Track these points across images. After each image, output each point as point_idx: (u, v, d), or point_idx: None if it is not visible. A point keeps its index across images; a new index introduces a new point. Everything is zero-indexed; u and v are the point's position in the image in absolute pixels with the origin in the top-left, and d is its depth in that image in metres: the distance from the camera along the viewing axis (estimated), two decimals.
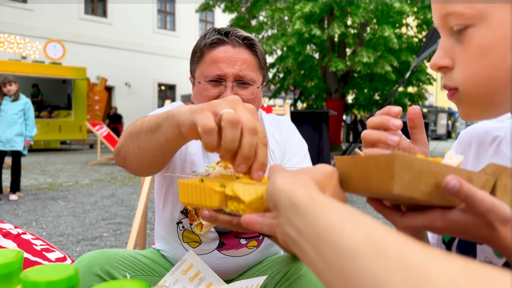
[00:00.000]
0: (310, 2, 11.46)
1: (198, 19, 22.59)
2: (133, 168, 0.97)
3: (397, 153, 0.48)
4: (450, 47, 0.61)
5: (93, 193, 6.25)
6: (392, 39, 10.94)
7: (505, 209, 0.50)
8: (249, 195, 0.56)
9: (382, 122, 0.64)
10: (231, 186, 0.59)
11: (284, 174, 0.49)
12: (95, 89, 16.49)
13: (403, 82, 7.59)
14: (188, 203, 0.63)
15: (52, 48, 15.12)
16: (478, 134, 0.75)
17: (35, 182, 7.18)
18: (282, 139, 1.33)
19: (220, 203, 0.59)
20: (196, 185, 0.61)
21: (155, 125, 0.83)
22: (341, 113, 14.54)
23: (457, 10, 0.58)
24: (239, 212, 0.56)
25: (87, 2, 18.92)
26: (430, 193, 0.50)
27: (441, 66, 0.62)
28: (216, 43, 1.17)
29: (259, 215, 0.54)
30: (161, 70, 21.10)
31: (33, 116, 5.78)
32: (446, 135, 31.80)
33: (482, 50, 0.56)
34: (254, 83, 1.20)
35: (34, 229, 4.17)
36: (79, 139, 15.10)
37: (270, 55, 14.37)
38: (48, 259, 1.52)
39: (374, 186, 0.51)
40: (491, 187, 0.55)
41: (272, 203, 0.48)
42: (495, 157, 0.69)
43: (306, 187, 0.46)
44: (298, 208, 0.42)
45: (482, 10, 0.56)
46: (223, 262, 1.25)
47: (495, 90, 0.57)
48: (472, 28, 0.57)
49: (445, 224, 0.53)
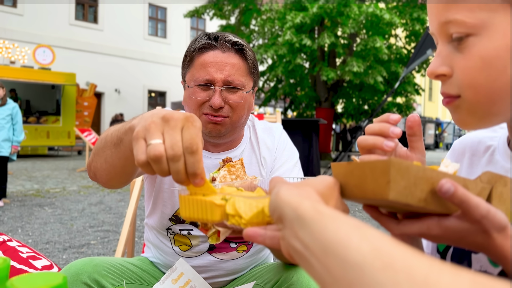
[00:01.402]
0: (301, 12, 11.56)
1: (189, 27, 22.63)
2: (104, 182, 0.99)
3: (393, 159, 0.48)
4: (448, 55, 0.60)
5: (81, 200, 6.17)
6: (382, 50, 11.07)
7: (501, 217, 0.50)
8: (249, 211, 0.56)
9: (382, 129, 0.63)
10: (232, 201, 0.58)
11: (287, 187, 0.49)
12: (85, 95, 16.37)
13: (392, 92, 7.66)
14: (189, 217, 0.62)
15: (42, 53, 15.01)
16: (472, 143, 0.76)
17: (22, 189, 7.07)
18: (273, 146, 1.34)
19: (222, 217, 0.59)
20: (197, 199, 0.61)
21: (117, 139, 0.85)
22: (330, 122, 14.62)
23: (459, 18, 0.57)
24: (241, 226, 0.56)
25: (78, 8, 18.85)
26: (426, 200, 0.50)
27: (439, 74, 0.61)
28: (205, 47, 1.18)
29: (261, 228, 0.53)
30: (152, 77, 21.05)
31: (21, 121, 5.72)
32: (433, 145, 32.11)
33: (484, 60, 0.56)
34: (243, 88, 1.20)
35: (20, 236, 4.10)
36: (67, 145, 14.94)
37: (261, 64, 14.43)
38: (34, 267, 1.50)
39: (370, 192, 0.51)
40: (486, 195, 0.55)
41: (276, 216, 0.47)
42: (489, 166, 0.70)
43: (311, 199, 0.45)
44: (304, 220, 0.42)
45: (484, 19, 0.55)
46: (213, 264, 1.26)
47: (494, 100, 0.57)
48: (473, 37, 0.56)
49: (441, 231, 0.53)
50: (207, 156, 1.28)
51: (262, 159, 1.31)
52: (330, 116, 14.42)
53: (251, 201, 0.57)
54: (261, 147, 1.33)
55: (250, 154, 1.33)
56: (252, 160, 1.32)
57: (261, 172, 1.30)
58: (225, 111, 1.18)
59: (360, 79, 12.09)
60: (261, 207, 0.56)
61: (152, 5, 21.25)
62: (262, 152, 1.32)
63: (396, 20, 11.00)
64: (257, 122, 1.40)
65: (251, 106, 1.28)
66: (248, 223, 0.55)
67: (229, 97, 1.18)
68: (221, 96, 1.17)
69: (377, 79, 11.73)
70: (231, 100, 1.18)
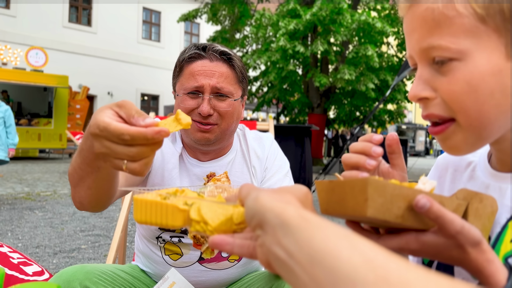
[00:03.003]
0: (294, 19, 11.65)
1: (183, 31, 22.65)
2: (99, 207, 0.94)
3: (370, 178, 0.50)
4: (430, 78, 0.60)
5: (72, 204, 6.14)
6: (374, 58, 11.19)
7: (475, 232, 0.52)
8: (216, 218, 0.53)
9: (364, 148, 0.66)
10: (197, 206, 0.55)
11: (267, 192, 0.47)
12: (77, 98, 16.28)
13: (383, 100, 7.74)
14: (145, 222, 0.57)
15: (34, 55, 14.92)
16: (454, 159, 0.78)
17: (12, 191, 7.02)
18: (264, 155, 1.36)
19: (184, 222, 0.55)
20: (156, 202, 0.56)
21: (83, 156, 0.79)
22: (323, 128, 14.70)
23: (443, 44, 0.57)
24: (206, 233, 0.53)
25: (72, 10, 18.79)
26: (403, 216, 0.53)
27: (422, 97, 0.61)
28: (194, 57, 1.22)
29: (229, 235, 0.51)
30: (145, 80, 21.00)
31: (13, 124, 5.70)
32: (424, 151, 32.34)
33: (470, 84, 0.56)
34: (232, 96, 1.23)
35: (9, 240, 4.08)
36: (59, 148, 14.84)
37: (254, 70, 14.48)
38: (25, 273, 1.51)
39: (350, 209, 0.54)
40: (463, 211, 0.57)
41: (255, 222, 0.45)
42: (470, 182, 0.72)
43: (295, 205, 0.43)
44: (289, 227, 0.39)
45: (468, 45, 0.56)
46: (204, 275, 1.27)
47: (484, 124, 0.58)
48: (457, 62, 0.57)
49: (419, 246, 0.55)
50: (196, 164, 1.29)
51: (252, 168, 1.33)
52: (322, 122, 14.51)
53: (216, 207, 0.54)
54: (251, 156, 1.34)
55: (242, 163, 1.34)
56: (243, 169, 1.33)
57: (252, 181, 1.32)
58: (213, 119, 1.20)
59: (352, 86, 12.19)
60: (230, 214, 0.53)
61: (146, 8, 21.23)
62: (252, 161, 1.34)
63: (388, 29, 11.13)
64: (248, 131, 1.42)
65: (240, 115, 1.30)
66: (214, 230, 0.53)
67: (218, 105, 1.21)
68: (210, 103, 1.19)
69: (369, 86, 11.85)
70: (220, 108, 1.20)
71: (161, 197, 0.57)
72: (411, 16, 0.61)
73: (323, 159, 17.61)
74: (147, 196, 0.57)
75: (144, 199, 0.57)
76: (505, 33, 0.55)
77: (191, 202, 0.55)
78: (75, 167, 0.83)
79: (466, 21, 0.55)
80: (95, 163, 0.77)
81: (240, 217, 0.53)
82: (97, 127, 0.65)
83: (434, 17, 0.57)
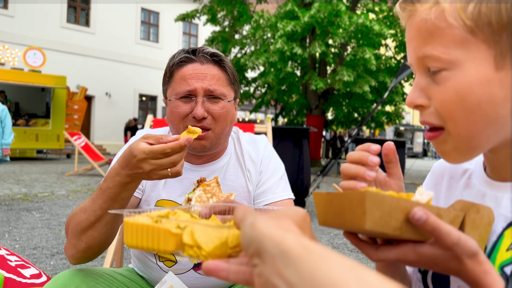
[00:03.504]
0: (292, 21, 11.67)
1: (181, 32, 22.66)
2: (103, 249, 1.12)
3: (368, 191, 0.51)
4: (425, 86, 0.62)
5: (69, 205, 6.14)
6: (371, 61, 11.23)
7: (471, 243, 0.53)
8: (210, 242, 0.51)
9: (361, 158, 0.66)
10: (190, 230, 0.52)
11: (264, 217, 0.44)
12: (75, 98, 16.28)
13: (381, 102, 7.77)
14: (136, 246, 0.54)
15: (32, 55, 14.91)
16: (450, 166, 0.79)
17: (9, 192, 7.01)
18: (258, 158, 1.34)
19: (177, 247, 0.52)
20: (148, 226, 0.54)
21: (112, 199, 1.00)
22: (321, 129, 14.73)
23: (435, 54, 0.59)
24: (200, 258, 0.51)
25: (70, 11, 18.79)
26: (401, 228, 0.53)
27: (417, 104, 0.63)
28: (184, 61, 1.21)
29: (223, 261, 0.49)
30: (143, 81, 21.01)
31: (9, 124, 5.69)
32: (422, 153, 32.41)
33: (459, 94, 0.58)
34: (225, 98, 1.22)
35: (6, 241, 4.07)
36: (56, 149, 14.83)
37: (253, 70, 14.50)
38: (22, 276, 1.51)
39: (348, 221, 0.54)
40: (460, 222, 0.58)
41: (252, 250, 0.42)
42: (466, 190, 0.73)
43: (294, 232, 0.41)
44: (290, 257, 0.37)
45: (458, 56, 0.58)
46: (199, 282, 1.27)
47: (472, 134, 0.60)
48: (448, 72, 0.59)
49: (416, 257, 0.56)
50: (190, 168, 1.28)
51: (247, 171, 1.32)
52: (321, 123, 14.53)
53: (210, 231, 0.52)
54: (246, 159, 1.33)
55: (236, 167, 1.33)
56: (238, 173, 1.32)
57: (247, 185, 1.30)
58: (207, 122, 1.19)
59: (349, 88, 12.24)
60: (224, 238, 0.51)
61: (144, 9, 21.25)
62: (247, 164, 1.32)
63: (386, 31, 11.17)
64: (242, 134, 1.41)
65: (234, 117, 1.28)
66: (208, 255, 0.50)
67: (212, 107, 1.19)
68: (204, 106, 1.18)
69: (365, 89, 11.88)
70: (214, 110, 1.19)
71: (152, 220, 0.54)
72: (409, 26, 0.63)
73: (321, 160, 17.64)
74: (138, 219, 0.55)
75: (135, 222, 0.54)
76: (494, 45, 0.56)
77: (184, 225, 0.53)
78: (93, 209, 1.00)
79: (457, 32, 0.57)
80: (119, 196, 0.98)
81: (235, 240, 0.51)
82: (142, 153, 0.91)
83: (427, 28, 0.59)
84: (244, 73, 15.29)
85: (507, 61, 0.56)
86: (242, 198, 1.28)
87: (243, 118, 27.49)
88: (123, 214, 0.59)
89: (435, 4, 0.58)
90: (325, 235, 4.81)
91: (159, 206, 1.25)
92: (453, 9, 0.57)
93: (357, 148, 0.69)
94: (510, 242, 0.60)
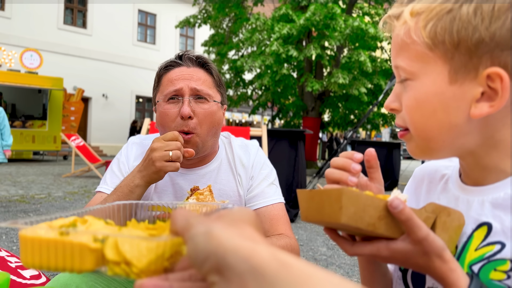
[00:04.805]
0: (288, 24, 11.73)
1: (178, 34, 22.69)
2: None
3: (345, 188, 0.56)
4: (399, 93, 0.70)
5: (66, 207, 6.16)
6: (366, 63, 11.32)
7: (439, 242, 0.58)
8: (143, 256, 0.42)
9: (345, 165, 0.72)
10: (113, 242, 0.42)
11: (221, 225, 0.38)
12: (72, 100, 16.28)
13: (376, 104, 7.84)
14: (40, 266, 0.43)
15: (29, 57, 14.92)
16: (430, 171, 0.84)
17: (6, 194, 7.02)
18: (249, 163, 1.36)
19: (97, 264, 0.43)
20: (54, 241, 0.43)
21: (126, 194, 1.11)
22: (317, 131, 14.78)
23: (401, 65, 0.67)
24: (131, 276, 0.42)
25: (67, 12, 18.78)
26: (374, 225, 0.58)
27: (392, 108, 0.71)
28: (171, 65, 1.26)
29: (161, 278, 0.42)
30: (140, 83, 21.01)
31: (8, 125, 5.74)
32: None
33: (418, 101, 0.66)
34: (211, 98, 1.25)
35: (4, 243, 4.10)
36: (53, 150, 14.82)
37: (250, 72, 14.55)
38: (22, 277, 1.55)
39: (327, 216, 0.59)
40: (431, 223, 0.62)
41: (209, 266, 0.35)
42: (443, 194, 0.78)
43: (263, 243, 0.35)
44: (264, 275, 0.32)
45: (419, 69, 0.65)
46: None
47: (429, 137, 0.66)
48: (411, 81, 0.66)
49: (389, 253, 0.61)
50: (180, 173, 1.31)
51: (238, 176, 1.34)
52: (317, 125, 14.58)
53: (139, 242, 0.42)
54: (237, 164, 1.35)
55: (227, 172, 1.35)
56: (229, 177, 1.34)
57: (238, 189, 1.33)
58: (193, 124, 1.21)
59: (345, 90, 12.31)
60: (161, 251, 0.42)
61: (141, 11, 21.27)
62: (238, 169, 1.35)
63: (381, 34, 11.24)
64: (234, 139, 1.43)
65: (221, 121, 1.30)
66: (142, 272, 0.42)
67: (198, 108, 1.22)
68: (190, 106, 1.21)
69: (361, 91, 11.97)
70: (200, 110, 1.22)
71: (58, 232, 0.43)
72: (392, 38, 0.71)
73: (318, 162, 17.70)
74: (40, 233, 0.44)
75: (36, 237, 0.43)
76: (449, 61, 0.63)
77: (103, 236, 0.43)
78: None
79: (418, 48, 0.64)
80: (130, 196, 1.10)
81: (171, 250, 0.44)
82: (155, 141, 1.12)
83: (398, 42, 0.68)
84: (241, 75, 15.35)
85: (460, 76, 0.63)
86: (233, 203, 1.31)
87: (240, 120, 27.50)
88: (17, 227, 0.45)
89: (405, 23, 0.66)
90: (320, 236, 4.86)
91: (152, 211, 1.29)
92: (417, 28, 0.64)
93: (341, 155, 0.74)
94: (478, 243, 0.65)
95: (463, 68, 0.62)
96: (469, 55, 0.61)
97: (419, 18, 0.64)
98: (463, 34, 0.60)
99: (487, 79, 0.61)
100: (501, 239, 0.63)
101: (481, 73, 0.61)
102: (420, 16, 0.64)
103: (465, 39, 0.61)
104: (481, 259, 0.64)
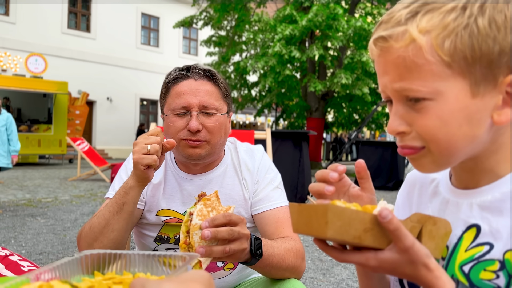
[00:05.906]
0: (290, 25, 11.77)
1: (181, 36, 22.78)
2: None
3: (330, 204, 0.59)
4: (405, 114, 0.67)
5: (73, 210, 6.22)
6: (369, 63, 11.33)
7: (424, 251, 0.60)
8: None
9: (324, 175, 0.75)
10: None
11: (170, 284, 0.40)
12: (76, 104, 16.39)
13: (379, 104, 7.85)
14: None
15: (34, 61, 15.05)
16: (421, 176, 0.87)
17: (13, 198, 7.10)
18: (254, 168, 1.39)
19: None
20: None
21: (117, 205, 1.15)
22: (321, 132, 14.79)
23: (414, 88, 0.64)
24: None
25: (71, 17, 18.91)
26: (360, 237, 0.60)
27: (399, 132, 0.68)
28: (179, 77, 1.29)
29: None
30: (144, 86, 21.11)
31: (15, 131, 5.81)
32: None
33: (442, 120, 0.64)
34: (218, 111, 1.29)
35: (13, 247, 4.15)
36: (59, 154, 14.92)
37: (254, 73, 14.59)
38: None
39: (314, 230, 0.62)
40: (417, 233, 0.65)
41: None
42: (434, 197, 0.80)
43: None
44: None
45: (438, 87, 0.63)
46: None
47: (453, 152, 0.66)
48: (429, 101, 0.64)
49: (377, 263, 0.62)
50: (187, 178, 1.35)
51: (243, 180, 1.37)
52: (321, 126, 14.60)
53: None
54: (242, 168, 1.39)
55: (233, 176, 1.38)
56: (235, 182, 1.37)
57: (244, 194, 1.36)
58: (202, 135, 1.25)
59: (348, 91, 12.32)
60: None
61: (145, 14, 21.38)
62: (244, 174, 1.38)
63: None
64: (239, 144, 1.46)
65: (228, 129, 1.35)
66: None
67: (206, 121, 1.25)
68: (198, 120, 1.25)
69: (364, 91, 11.97)
70: (208, 124, 1.26)
71: None
72: (383, 60, 0.68)
73: (322, 162, 17.71)
74: None
75: None
76: (469, 75, 0.63)
77: None
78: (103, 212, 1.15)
79: (434, 67, 0.63)
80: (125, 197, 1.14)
81: None
82: None
83: (405, 65, 0.64)
84: (245, 77, 15.39)
85: (481, 88, 0.64)
86: (239, 206, 1.34)
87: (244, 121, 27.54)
88: None
89: (412, 42, 0.63)
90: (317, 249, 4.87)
91: (161, 216, 1.32)
92: (430, 47, 0.62)
93: (329, 168, 0.77)
94: (468, 244, 0.68)
95: (484, 80, 0.63)
96: (490, 67, 0.62)
97: (429, 36, 0.62)
98: (484, 47, 0.61)
99: (506, 86, 0.63)
100: (490, 240, 0.66)
101: (501, 81, 0.63)
102: (430, 35, 0.62)
103: (486, 52, 0.61)
104: (471, 259, 0.67)
